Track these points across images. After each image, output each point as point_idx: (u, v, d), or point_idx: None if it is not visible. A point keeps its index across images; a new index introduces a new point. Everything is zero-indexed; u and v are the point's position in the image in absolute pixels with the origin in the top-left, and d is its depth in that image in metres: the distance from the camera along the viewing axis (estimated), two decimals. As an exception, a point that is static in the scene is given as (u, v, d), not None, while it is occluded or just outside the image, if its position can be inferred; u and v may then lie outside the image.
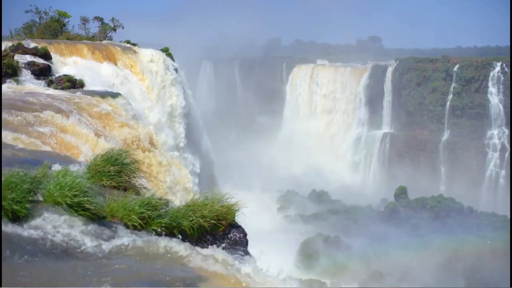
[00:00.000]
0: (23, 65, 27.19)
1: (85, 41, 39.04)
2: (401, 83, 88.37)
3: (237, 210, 5.57)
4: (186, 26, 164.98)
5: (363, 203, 63.69)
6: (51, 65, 29.15)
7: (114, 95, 26.50)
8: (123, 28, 47.58)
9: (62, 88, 26.29)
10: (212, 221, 5.15)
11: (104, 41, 41.87)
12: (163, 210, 5.01)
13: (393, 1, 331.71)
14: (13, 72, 26.17)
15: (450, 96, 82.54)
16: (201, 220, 5.04)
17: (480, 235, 53.47)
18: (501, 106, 77.20)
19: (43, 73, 27.95)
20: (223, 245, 5.17)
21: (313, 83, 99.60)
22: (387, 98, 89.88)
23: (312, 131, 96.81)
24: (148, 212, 4.80)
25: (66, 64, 31.31)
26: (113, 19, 47.04)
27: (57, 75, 28.72)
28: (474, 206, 62.91)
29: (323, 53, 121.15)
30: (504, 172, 74.60)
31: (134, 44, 41.71)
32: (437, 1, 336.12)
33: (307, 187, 70.50)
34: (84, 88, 27.71)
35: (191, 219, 5.01)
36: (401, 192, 63.93)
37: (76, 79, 28.32)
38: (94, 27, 47.24)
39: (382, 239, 52.96)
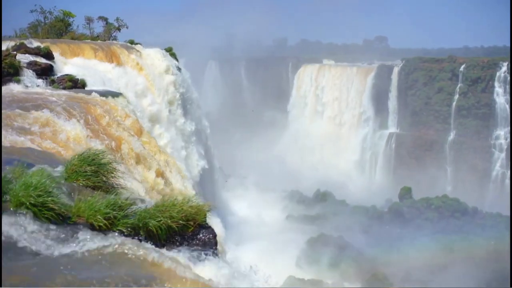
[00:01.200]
0: (25, 65, 27.23)
1: (88, 40, 39.10)
2: (407, 83, 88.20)
3: (208, 211, 5.54)
4: (192, 26, 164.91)
5: (368, 203, 63.50)
6: (53, 64, 29.19)
7: (115, 95, 26.54)
8: (127, 28, 47.64)
9: (64, 88, 26.36)
10: (181, 221, 5.12)
11: (107, 41, 41.97)
12: (130, 211, 5.00)
13: (400, 1, 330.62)
14: (15, 72, 26.23)
15: (456, 96, 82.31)
16: (169, 221, 5.02)
17: (484, 235, 53.26)
18: (507, 106, 76.85)
19: (45, 72, 27.94)
20: (190, 246, 5.16)
21: (319, 83, 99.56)
22: (393, 98, 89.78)
23: (317, 131, 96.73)
24: (114, 212, 4.79)
25: (68, 63, 31.36)
26: (117, 19, 47.15)
27: (59, 74, 28.75)
28: (480, 207, 62.60)
29: (329, 53, 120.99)
30: (510, 173, 74.27)
31: (137, 44, 41.76)
32: (443, 1, 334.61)
33: (312, 187, 70.39)
34: (86, 88, 27.76)
35: (158, 219, 4.99)
36: (406, 193, 63.74)
37: (77, 79, 28.35)
38: (99, 27, 47.35)
39: (385, 239, 52.88)
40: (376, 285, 42.04)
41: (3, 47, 28.13)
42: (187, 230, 5.22)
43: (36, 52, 29.56)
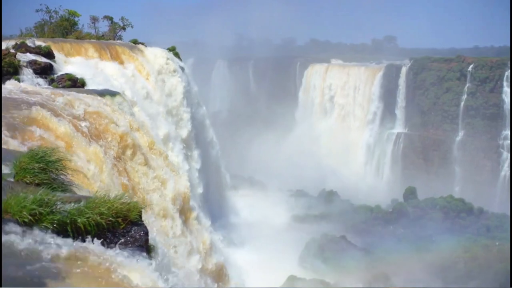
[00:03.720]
0: (24, 64, 27.44)
1: (92, 40, 39.29)
2: (415, 82, 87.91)
3: (142, 208, 5.59)
4: (200, 26, 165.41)
5: (374, 203, 63.27)
6: (53, 63, 29.34)
7: (113, 94, 26.64)
8: (132, 27, 47.76)
9: (63, 87, 26.52)
10: (111, 218, 5.18)
11: (110, 40, 42.16)
12: (59, 207, 5.06)
13: (411, 1, 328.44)
14: (15, 71, 26.45)
15: (465, 96, 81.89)
16: (98, 218, 5.08)
17: (489, 236, 52.99)
18: (515, 106, 76.37)
19: (44, 71, 28.14)
20: (120, 243, 5.21)
21: (326, 82, 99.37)
22: (401, 97, 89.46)
23: (325, 131, 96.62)
24: (40, 208, 4.85)
25: (69, 63, 31.54)
26: (122, 18, 47.27)
27: (59, 73, 28.94)
28: (488, 207, 62.13)
29: (338, 52, 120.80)
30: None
31: (141, 43, 41.93)
32: (454, 1, 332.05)
33: (318, 186, 70.36)
34: (85, 87, 27.92)
35: (87, 216, 5.05)
36: (410, 193, 63.44)
37: (77, 78, 28.52)
38: (104, 26, 47.53)
39: (388, 239, 52.74)
40: (378, 286, 41.93)
41: (3, 46, 28.38)
42: (119, 227, 5.29)
43: (37, 51, 29.78)
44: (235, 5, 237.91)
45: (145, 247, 5.38)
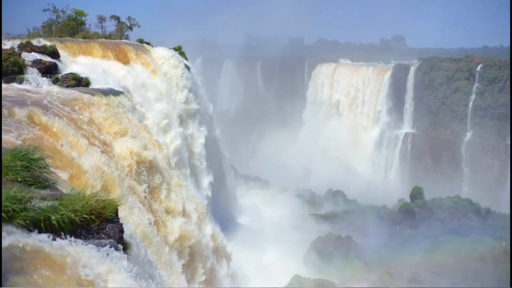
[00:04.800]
0: (29, 63, 27.56)
1: (98, 39, 39.36)
2: (424, 82, 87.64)
3: (119, 205, 5.63)
4: (209, 26, 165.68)
5: (381, 203, 63.08)
6: (58, 63, 29.45)
7: (116, 93, 26.71)
8: (139, 26, 47.86)
9: (68, 86, 26.63)
10: (85, 215, 5.22)
11: (116, 40, 42.27)
12: (32, 204, 5.10)
13: (418, 0, 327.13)
14: (19, 70, 26.56)
15: (473, 96, 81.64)
16: (72, 215, 5.12)
17: (496, 236, 52.64)
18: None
19: (49, 71, 28.21)
20: (94, 239, 5.25)
21: (334, 82, 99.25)
22: (410, 97, 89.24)
23: (333, 130, 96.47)
24: (13, 205, 4.89)
25: (74, 62, 31.61)
26: (129, 18, 47.38)
27: (64, 73, 29.04)
28: (497, 208, 61.70)
29: (346, 52, 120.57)
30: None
31: (147, 43, 42.01)
32: (463, 0, 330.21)
33: (325, 186, 70.25)
34: (90, 86, 28.01)
35: (61, 213, 5.09)
36: (417, 193, 63.07)
37: (81, 77, 28.59)
38: (111, 26, 47.64)
39: (394, 239, 52.62)
40: (383, 286, 41.83)
41: (8, 46, 28.56)
42: (94, 224, 5.33)
43: (42, 50, 29.89)
44: (243, 5, 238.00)
45: (119, 244, 5.42)
